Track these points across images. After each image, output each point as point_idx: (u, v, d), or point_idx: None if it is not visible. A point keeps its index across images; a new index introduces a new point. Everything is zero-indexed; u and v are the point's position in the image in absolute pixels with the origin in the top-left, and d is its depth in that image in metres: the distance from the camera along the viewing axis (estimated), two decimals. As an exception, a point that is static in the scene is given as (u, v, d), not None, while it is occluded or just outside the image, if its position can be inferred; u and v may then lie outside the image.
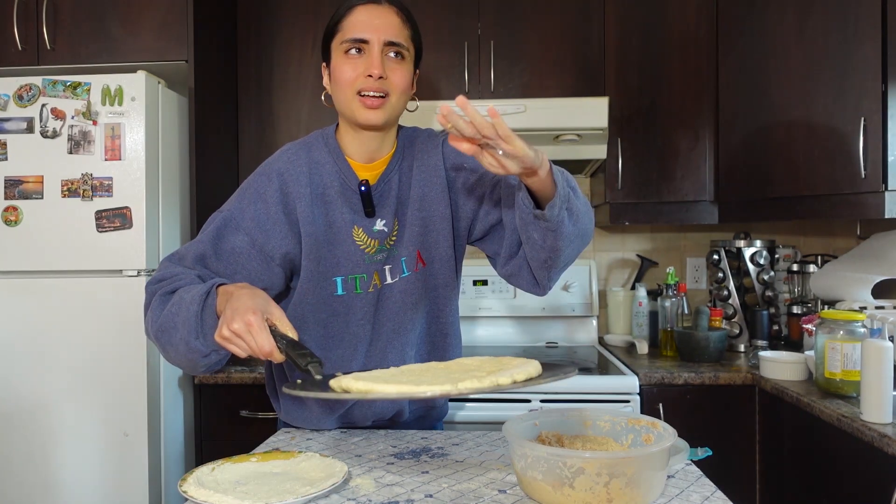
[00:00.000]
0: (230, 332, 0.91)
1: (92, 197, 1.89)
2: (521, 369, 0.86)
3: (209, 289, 1.00)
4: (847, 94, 1.87)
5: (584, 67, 2.24)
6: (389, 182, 1.19)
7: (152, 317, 1.05)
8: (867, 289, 1.94)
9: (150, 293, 1.09)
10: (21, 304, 1.91)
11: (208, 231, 1.14)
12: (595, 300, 2.44)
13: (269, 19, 2.32)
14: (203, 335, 0.99)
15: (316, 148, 1.19)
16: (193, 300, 0.99)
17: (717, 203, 2.21)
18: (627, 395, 1.84)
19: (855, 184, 1.85)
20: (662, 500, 0.88)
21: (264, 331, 0.91)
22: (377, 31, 1.10)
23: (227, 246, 1.13)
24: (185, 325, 0.99)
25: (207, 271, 1.11)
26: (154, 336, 1.05)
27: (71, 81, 1.90)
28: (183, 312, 0.99)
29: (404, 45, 1.13)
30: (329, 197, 1.16)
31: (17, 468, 1.90)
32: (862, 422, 1.37)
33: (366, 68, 1.10)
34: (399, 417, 1.29)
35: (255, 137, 2.33)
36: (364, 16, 1.11)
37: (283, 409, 1.29)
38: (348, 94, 1.11)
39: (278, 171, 1.16)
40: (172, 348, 1.02)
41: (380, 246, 1.18)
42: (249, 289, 0.99)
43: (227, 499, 0.84)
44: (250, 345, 0.92)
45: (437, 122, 1.04)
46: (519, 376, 0.84)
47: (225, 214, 1.15)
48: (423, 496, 0.91)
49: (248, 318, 0.91)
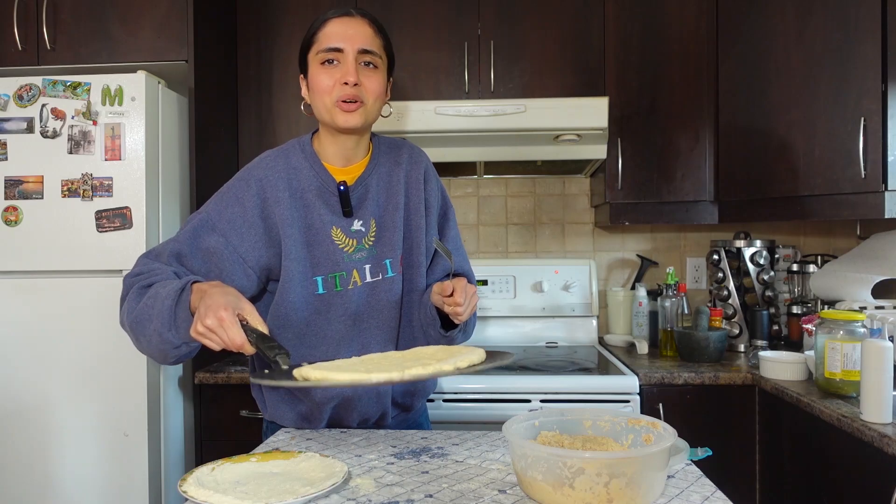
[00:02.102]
0: (204, 327, 0.97)
1: (92, 197, 1.89)
2: (464, 356, 0.95)
3: (184, 285, 1.06)
4: (847, 94, 1.87)
5: (584, 67, 2.24)
6: (367, 185, 1.27)
7: (128, 308, 1.11)
8: (867, 289, 1.94)
9: (126, 286, 1.15)
10: (21, 304, 1.91)
11: (186, 230, 1.20)
12: (595, 300, 2.44)
13: (270, 19, 2.32)
14: (176, 328, 1.04)
15: (293, 154, 1.26)
16: (169, 295, 1.05)
17: (717, 203, 2.21)
18: (627, 395, 1.84)
19: (855, 184, 1.85)
20: (662, 500, 0.88)
21: (235, 325, 0.97)
22: (350, 41, 1.17)
23: (203, 245, 1.19)
24: (160, 317, 1.04)
25: (183, 268, 1.17)
26: (129, 326, 1.11)
27: (71, 81, 1.90)
28: (158, 306, 1.05)
29: (377, 54, 1.20)
30: (307, 200, 1.23)
31: (17, 468, 1.90)
32: (862, 422, 1.37)
33: (342, 76, 1.17)
34: (384, 420, 1.34)
35: (255, 137, 2.33)
36: (338, 27, 1.18)
37: (268, 409, 1.33)
38: (327, 102, 1.19)
39: (257, 177, 1.22)
40: (146, 339, 1.08)
41: (358, 245, 1.25)
42: (221, 287, 1.04)
43: (227, 499, 0.84)
44: (223, 338, 0.97)
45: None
46: (462, 363, 0.93)
47: (203, 216, 1.21)
48: (423, 496, 0.91)
49: (220, 314, 0.96)
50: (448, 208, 1.39)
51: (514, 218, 2.63)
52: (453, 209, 1.41)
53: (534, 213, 2.62)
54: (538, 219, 2.62)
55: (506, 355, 1.00)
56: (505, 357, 0.99)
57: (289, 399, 1.29)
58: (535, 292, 2.45)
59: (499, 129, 2.06)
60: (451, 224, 1.39)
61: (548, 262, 2.49)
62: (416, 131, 2.07)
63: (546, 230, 2.62)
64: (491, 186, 2.63)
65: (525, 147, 2.18)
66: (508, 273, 2.47)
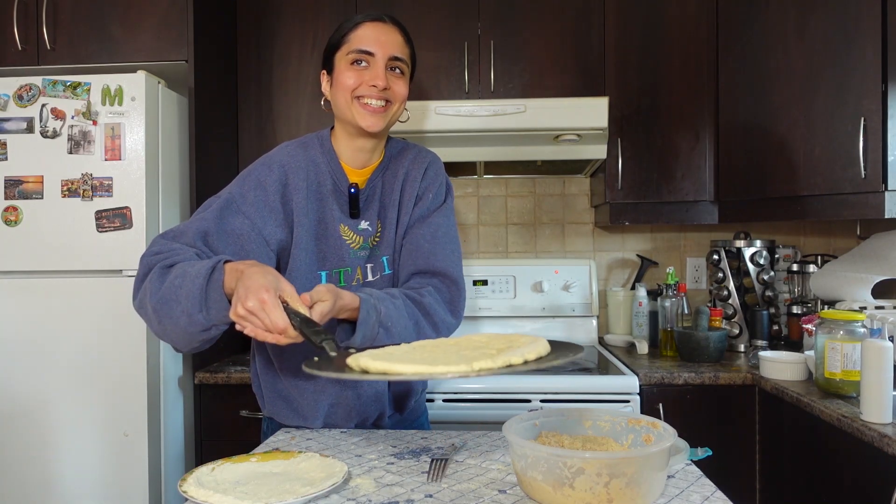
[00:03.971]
0: (245, 310, 0.93)
1: (92, 197, 1.89)
2: (530, 347, 0.87)
3: (215, 264, 1.01)
4: (847, 94, 1.87)
5: (584, 67, 2.24)
6: (374, 187, 1.29)
7: (151, 288, 1.05)
8: (867, 289, 1.94)
9: (145, 265, 1.10)
10: (21, 304, 1.91)
11: (211, 210, 1.17)
12: (595, 300, 2.44)
13: (269, 19, 2.32)
14: (207, 309, 0.99)
15: (312, 148, 1.26)
16: (199, 274, 1.00)
17: (717, 203, 2.21)
18: (627, 395, 1.84)
19: (855, 184, 1.85)
20: (662, 500, 0.88)
21: (278, 308, 0.92)
22: (383, 47, 1.20)
23: (228, 226, 1.16)
24: (189, 298, 0.99)
25: (207, 249, 1.13)
26: (152, 307, 1.05)
27: (71, 81, 1.90)
28: (187, 285, 1.00)
29: (405, 61, 1.24)
30: (322, 194, 1.24)
31: (17, 468, 1.90)
32: (862, 422, 1.37)
33: (370, 78, 1.19)
34: (381, 420, 1.33)
35: (255, 137, 2.33)
36: (371, 31, 1.21)
37: (267, 405, 1.32)
38: (349, 99, 1.20)
39: (280, 163, 1.22)
40: (171, 321, 1.03)
41: (363, 243, 1.26)
42: (259, 266, 0.99)
43: (227, 499, 0.84)
44: (265, 322, 0.93)
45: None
46: (530, 355, 0.86)
47: (226, 197, 1.18)
48: (423, 496, 0.91)
49: (261, 296, 0.92)
50: (446, 196, 1.32)
51: (514, 218, 2.63)
52: (451, 202, 1.34)
53: (534, 213, 2.62)
54: (538, 219, 2.62)
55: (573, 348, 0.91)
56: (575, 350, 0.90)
57: (286, 395, 1.29)
58: (535, 292, 2.45)
59: (499, 129, 2.06)
60: (443, 212, 1.30)
61: (548, 262, 2.49)
62: (416, 131, 2.07)
63: (546, 230, 2.62)
64: (491, 186, 2.63)
65: (525, 147, 2.18)
66: (508, 273, 2.47)
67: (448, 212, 1.32)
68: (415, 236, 1.26)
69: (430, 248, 1.24)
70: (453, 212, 1.35)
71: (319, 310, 0.99)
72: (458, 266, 1.27)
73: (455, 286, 1.25)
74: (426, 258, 1.24)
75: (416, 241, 1.25)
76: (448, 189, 1.34)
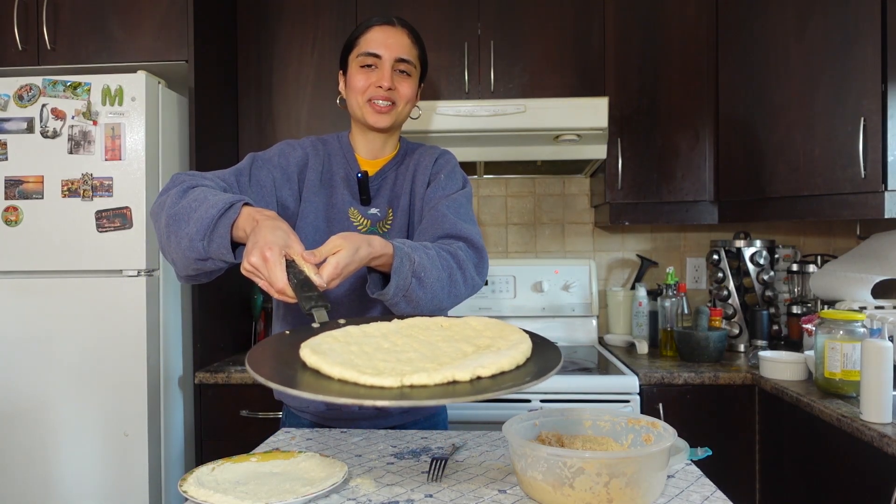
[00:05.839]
0: (249, 265, 0.93)
1: (92, 197, 1.89)
2: (504, 354, 0.80)
3: (234, 201, 1.02)
4: (847, 94, 1.87)
5: (584, 67, 2.24)
6: (386, 177, 1.34)
7: (170, 201, 1.06)
8: (867, 289, 1.94)
9: (175, 181, 1.12)
10: (21, 304, 1.91)
11: (244, 160, 1.26)
12: (595, 300, 2.44)
13: (269, 19, 2.32)
14: (209, 240, 1.00)
15: (330, 142, 1.37)
16: (216, 204, 1.00)
17: (717, 203, 2.21)
18: (627, 395, 1.84)
19: (855, 184, 1.85)
20: (662, 500, 0.88)
21: (278, 267, 0.91)
22: (390, 49, 1.27)
23: (255, 178, 1.24)
24: (198, 222, 1.00)
25: (237, 189, 1.19)
26: (164, 220, 1.05)
27: (71, 81, 1.90)
28: (201, 210, 1.01)
29: (412, 63, 1.30)
30: (335, 182, 1.32)
31: (17, 468, 1.90)
32: (862, 422, 1.37)
33: (377, 80, 1.27)
34: (384, 411, 1.29)
35: (255, 137, 2.33)
36: (380, 35, 1.28)
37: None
38: (360, 101, 1.29)
39: (302, 144, 1.33)
40: (176, 239, 1.03)
41: (371, 227, 1.30)
42: (273, 220, 0.98)
43: (227, 499, 0.85)
44: (266, 279, 0.92)
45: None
46: (485, 370, 0.76)
47: (255, 154, 1.28)
48: (423, 496, 0.91)
49: (265, 253, 0.91)
50: (464, 184, 1.32)
51: (514, 218, 2.63)
52: (470, 191, 1.32)
53: (534, 213, 2.62)
54: (538, 219, 2.62)
55: (548, 365, 0.80)
56: (543, 373, 0.77)
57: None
58: (535, 292, 2.45)
59: (499, 129, 2.06)
60: (465, 194, 1.29)
61: (548, 262, 2.49)
62: (416, 131, 2.07)
63: (546, 230, 2.62)
64: (491, 186, 2.63)
65: (525, 147, 2.18)
66: (508, 273, 2.47)
67: (469, 197, 1.31)
68: (438, 208, 1.23)
69: (454, 217, 1.22)
70: (472, 202, 1.33)
71: (335, 261, 0.94)
72: (481, 239, 1.24)
73: (480, 253, 1.20)
74: (452, 224, 1.21)
75: (441, 211, 1.22)
76: (465, 179, 1.34)
